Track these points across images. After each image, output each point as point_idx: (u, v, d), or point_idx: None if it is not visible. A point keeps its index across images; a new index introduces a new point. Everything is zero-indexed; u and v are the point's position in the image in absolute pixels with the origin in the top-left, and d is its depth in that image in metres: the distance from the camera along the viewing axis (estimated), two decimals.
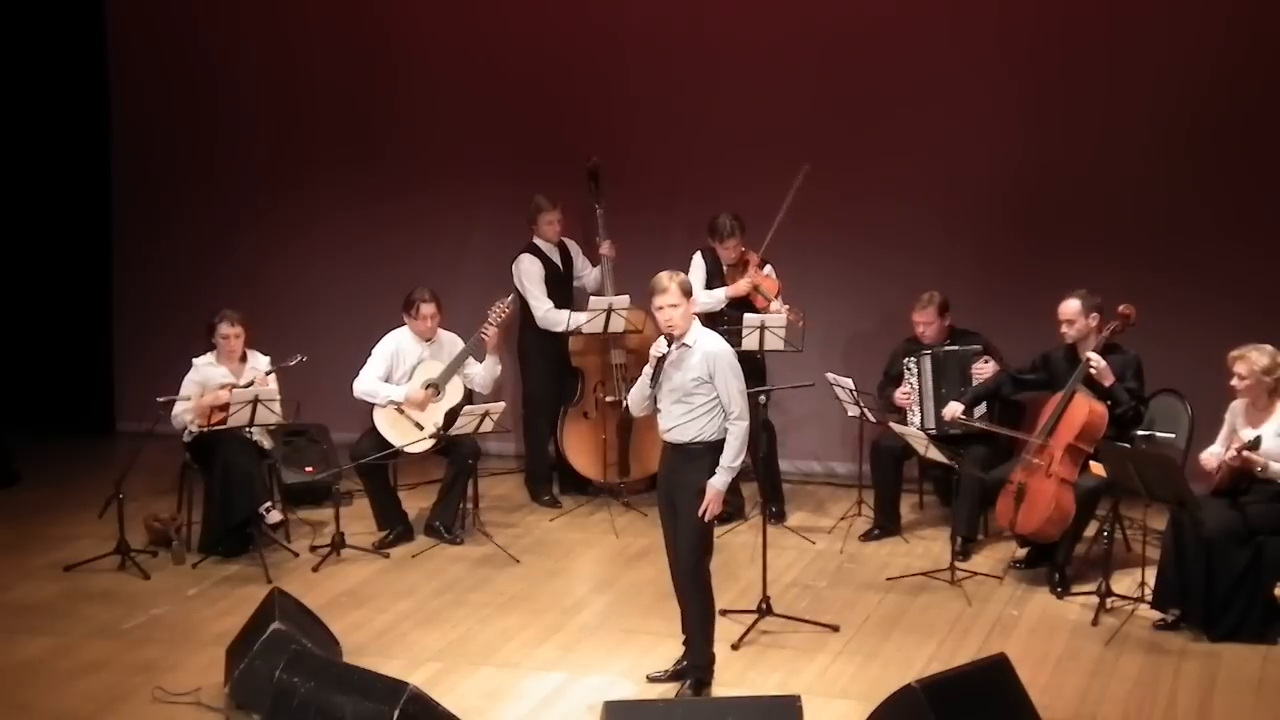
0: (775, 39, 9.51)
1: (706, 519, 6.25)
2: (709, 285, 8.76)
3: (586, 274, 9.32)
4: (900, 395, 8.49)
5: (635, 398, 6.44)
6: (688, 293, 6.24)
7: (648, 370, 6.31)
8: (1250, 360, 6.95)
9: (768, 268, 8.75)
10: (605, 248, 9.15)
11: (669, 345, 6.25)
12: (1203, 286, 8.85)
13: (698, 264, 8.77)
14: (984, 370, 8.28)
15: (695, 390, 6.21)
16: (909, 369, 8.45)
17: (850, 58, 9.42)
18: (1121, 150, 9.07)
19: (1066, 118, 9.13)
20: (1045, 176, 9.19)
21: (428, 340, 8.57)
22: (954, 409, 8.07)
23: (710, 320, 8.23)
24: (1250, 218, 8.92)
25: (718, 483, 6.24)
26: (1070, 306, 7.78)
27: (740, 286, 8.65)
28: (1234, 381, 7.01)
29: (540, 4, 9.94)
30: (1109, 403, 7.63)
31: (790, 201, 8.54)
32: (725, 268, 8.75)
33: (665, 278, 6.23)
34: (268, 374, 8.29)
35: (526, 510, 9.17)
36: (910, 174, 9.35)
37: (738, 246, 8.68)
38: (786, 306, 8.56)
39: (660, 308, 6.22)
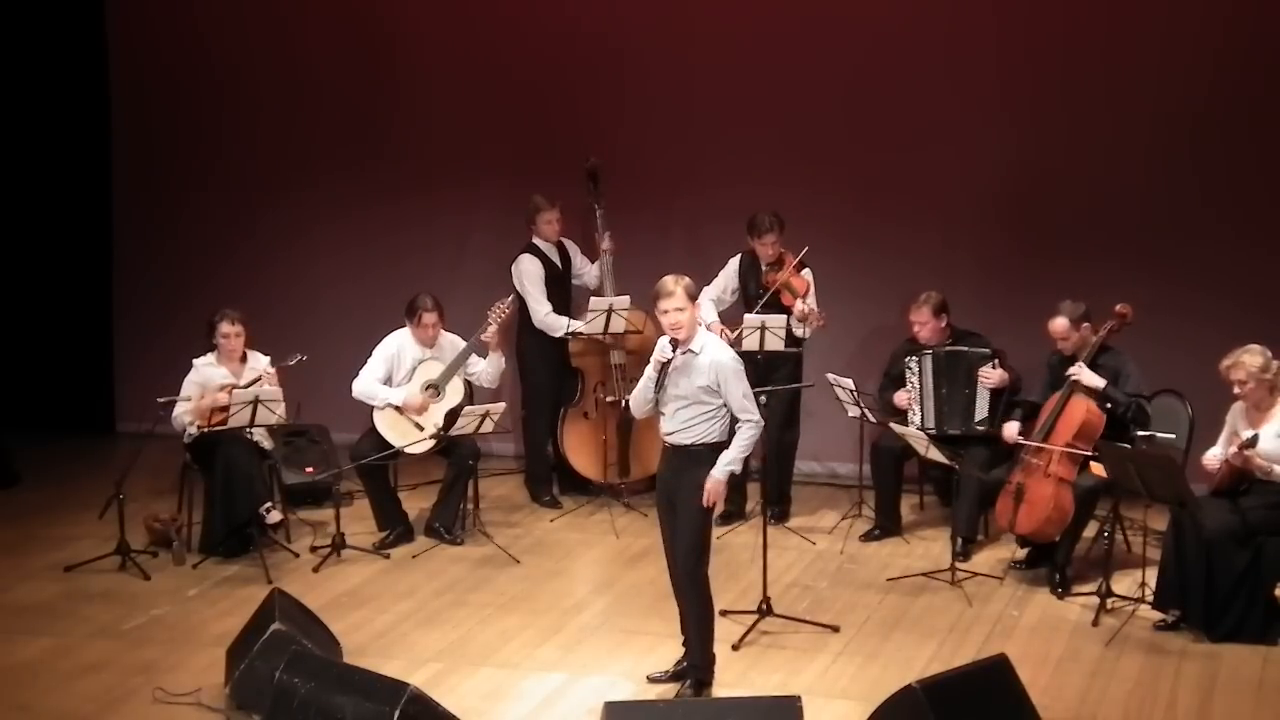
0: (775, 41, 9.50)
1: (706, 505, 6.22)
2: (745, 284, 8.75)
3: (586, 271, 9.31)
4: (902, 397, 8.47)
5: (638, 400, 6.41)
6: (693, 296, 6.21)
7: (650, 374, 6.29)
8: (1244, 364, 6.95)
9: (806, 271, 8.72)
10: (606, 241, 9.15)
11: (674, 350, 6.22)
12: (1203, 287, 8.85)
13: (731, 266, 8.76)
14: (990, 376, 8.27)
15: (701, 397, 6.20)
16: (910, 368, 8.44)
17: (850, 58, 9.41)
18: (1121, 151, 9.06)
19: (1066, 119, 9.12)
20: (1045, 178, 9.18)
21: (428, 345, 8.57)
22: (1011, 430, 7.94)
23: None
24: (1250, 218, 8.92)
25: (718, 473, 6.21)
26: (1059, 325, 7.78)
27: (723, 331, 8.47)
28: (1235, 389, 7.00)
29: (539, 4, 9.94)
30: (1108, 405, 7.62)
31: (781, 281, 8.50)
32: (763, 265, 8.74)
33: (671, 281, 6.19)
34: (269, 372, 8.29)
35: (527, 511, 9.17)
36: (910, 175, 9.35)
37: (775, 244, 8.64)
38: (811, 307, 8.54)
39: (666, 311, 6.18)
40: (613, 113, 9.80)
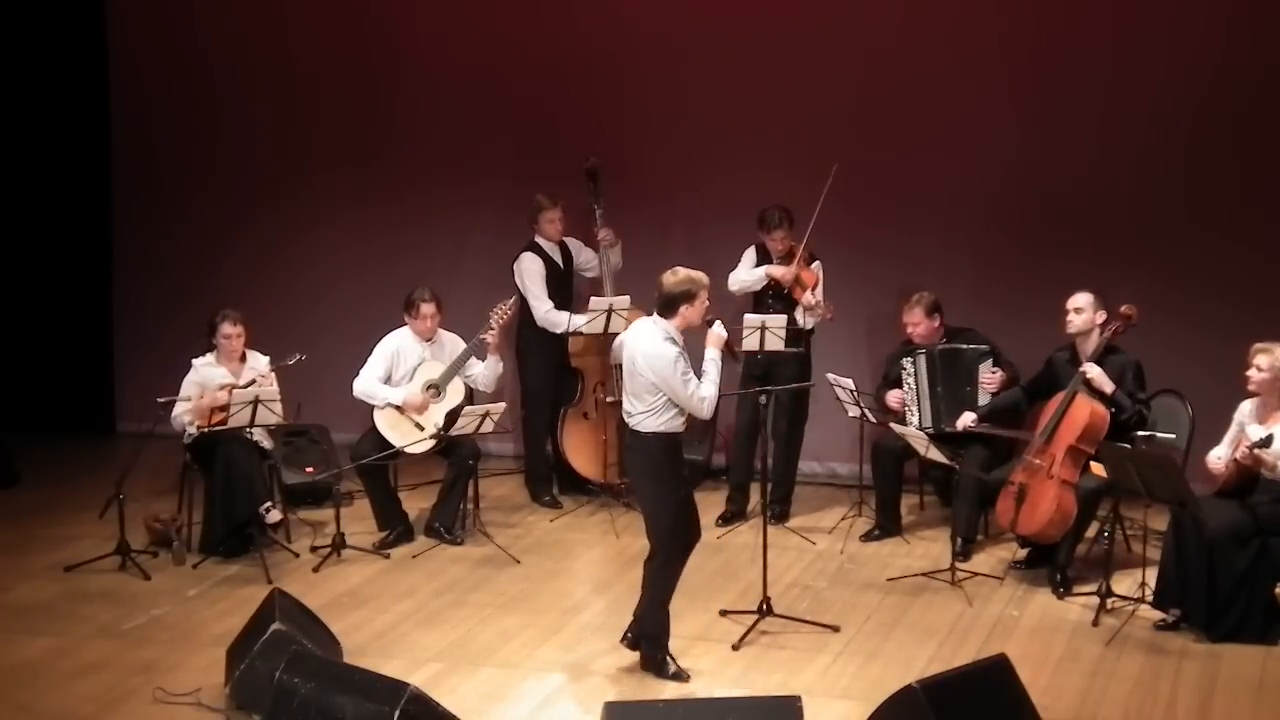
0: (775, 42, 9.50)
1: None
2: None
3: (590, 264, 9.30)
4: (894, 397, 8.48)
5: (715, 397, 6.54)
6: None
7: (716, 362, 6.53)
8: (1275, 355, 6.95)
9: (816, 264, 8.74)
10: (603, 234, 9.14)
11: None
12: (1202, 288, 8.85)
13: (749, 256, 8.81)
14: (992, 380, 8.27)
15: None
16: (906, 369, 8.44)
17: (850, 58, 9.42)
18: (1120, 152, 9.07)
19: (1066, 120, 9.12)
20: (1044, 179, 9.18)
21: (428, 340, 8.57)
22: (967, 419, 8.05)
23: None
24: (1248, 219, 8.92)
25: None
26: (1083, 296, 7.78)
27: (783, 271, 8.62)
28: (1250, 373, 7.00)
29: (539, 4, 9.94)
30: (1113, 410, 7.61)
31: (824, 200, 8.53)
32: (774, 259, 8.75)
33: (704, 278, 6.57)
34: (265, 375, 8.28)
35: (527, 511, 9.17)
36: (910, 175, 9.36)
37: (785, 239, 8.67)
38: (819, 299, 8.56)
39: (706, 301, 6.56)
40: (612, 113, 9.81)
